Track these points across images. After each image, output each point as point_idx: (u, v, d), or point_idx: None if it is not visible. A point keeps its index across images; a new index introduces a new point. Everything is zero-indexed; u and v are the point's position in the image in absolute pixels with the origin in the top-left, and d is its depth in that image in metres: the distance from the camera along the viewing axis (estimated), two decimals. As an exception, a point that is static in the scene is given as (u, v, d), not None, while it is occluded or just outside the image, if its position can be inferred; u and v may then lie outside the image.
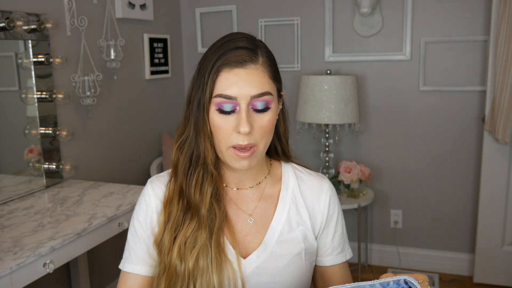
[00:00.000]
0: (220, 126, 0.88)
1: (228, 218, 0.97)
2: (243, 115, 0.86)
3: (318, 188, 1.02)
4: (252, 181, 1.00)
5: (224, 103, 0.87)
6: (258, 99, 0.87)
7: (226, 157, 0.91)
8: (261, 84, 0.87)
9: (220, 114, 0.88)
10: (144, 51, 2.75)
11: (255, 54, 0.88)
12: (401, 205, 2.92)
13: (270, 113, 0.90)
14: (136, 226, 0.98)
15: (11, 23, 1.77)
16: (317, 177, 1.04)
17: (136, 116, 2.72)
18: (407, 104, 2.80)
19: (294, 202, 1.00)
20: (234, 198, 0.99)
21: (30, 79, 1.99)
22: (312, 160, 3.00)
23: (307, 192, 1.01)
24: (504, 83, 2.36)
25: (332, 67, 2.86)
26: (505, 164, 2.54)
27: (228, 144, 0.89)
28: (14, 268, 1.28)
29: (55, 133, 2.04)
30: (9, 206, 1.79)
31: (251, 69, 0.87)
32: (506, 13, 2.30)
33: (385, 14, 2.74)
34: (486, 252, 2.65)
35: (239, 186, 1.00)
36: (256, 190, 1.00)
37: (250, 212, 0.98)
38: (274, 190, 1.01)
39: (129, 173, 2.67)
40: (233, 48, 0.88)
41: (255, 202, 0.99)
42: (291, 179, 1.02)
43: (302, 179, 1.03)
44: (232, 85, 0.86)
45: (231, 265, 0.92)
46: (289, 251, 0.96)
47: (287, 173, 1.03)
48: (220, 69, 0.87)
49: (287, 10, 2.93)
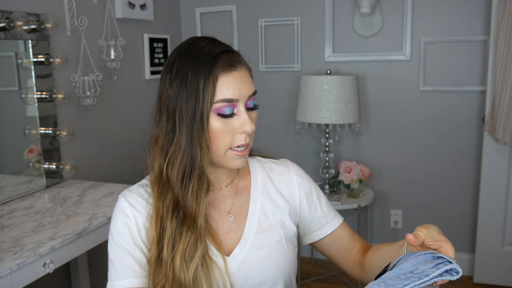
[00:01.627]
0: (221, 130, 0.89)
1: (208, 220, 0.97)
2: (244, 116, 0.89)
3: (286, 171, 1.07)
4: (227, 179, 1.02)
5: (224, 107, 0.88)
6: (251, 98, 0.92)
7: (224, 160, 0.92)
8: (251, 84, 0.93)
9: (221, 118, 0.89)
10: (144, 51, 2.75)
11: (236, 54, 0.92)
12: (401, 205, 2.92)
13: (257, 110, 0.95)
14: (117, 240, 0.94)
15: (11, 23, 1.76)
16: (281, 163, 1.09)
17: (136, 116, 2.72)
18: (407, 104, 2.80)
19: (265, 192, 1.03)
20: (212, 199, 1.00)
21: (30, 79, 1.99)
22: (312, 160, 3.00)
23: (278, 179, 1.05)
24: (504, 83, 2.36)
25: (332, 67, 2.86)
26: (505, 164, 2.54)
27: (228, 146, 0.91)
28: (14, 268, 1.28)
29: (55, 133, 2.04)
30: (9, 206, 1.79)
31: (242, 70, 0.91)
32: (506, 13, 2.30)
33: (385, 14, 2.74)
34: (486, 252, 2.65)
35: (214, 187, 1.01)
36: (231, 187, 1.02)
37: (229, 210, 1.00)
38: (246, 183, 1.04)
39: (129, 173, 2.66)
40: (219, 52, 0.89)
41: (231, 198, 1.01)
42: (259, 171, 1.06)
43: (270, 169, 1.07)
44: (232, 88, 0.88)
45: (217, 266, 0.93)
46: (269, 240, 0.99)
47: (254, 166, 1.07)
48: (218, 75, 0.88)
49: (287, 10, 2.93)
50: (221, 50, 0.90)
